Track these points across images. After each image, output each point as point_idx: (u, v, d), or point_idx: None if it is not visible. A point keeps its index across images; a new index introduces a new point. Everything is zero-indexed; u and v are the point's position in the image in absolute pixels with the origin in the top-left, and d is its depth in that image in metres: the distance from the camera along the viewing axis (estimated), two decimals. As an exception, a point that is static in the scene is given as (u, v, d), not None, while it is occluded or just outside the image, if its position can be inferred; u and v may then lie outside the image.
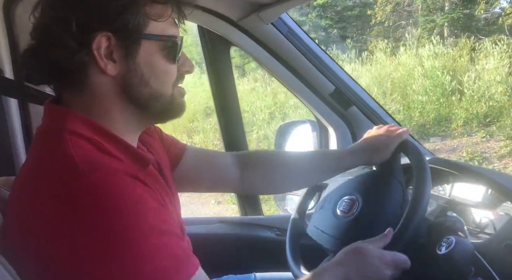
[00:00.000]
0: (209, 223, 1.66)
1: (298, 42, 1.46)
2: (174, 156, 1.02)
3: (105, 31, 0.69)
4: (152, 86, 0.75)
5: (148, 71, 0.74)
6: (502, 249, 0.88)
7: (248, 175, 1.10)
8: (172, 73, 0.78)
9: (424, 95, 6.81)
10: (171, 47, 0.76)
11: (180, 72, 0.80)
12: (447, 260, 0.86)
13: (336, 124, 1.61)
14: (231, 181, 1.10)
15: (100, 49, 0.69)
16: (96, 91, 0.73)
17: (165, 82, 0.77)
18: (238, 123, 1.65)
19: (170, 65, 0.77)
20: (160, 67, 0.75)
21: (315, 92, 1.54)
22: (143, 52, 0.73)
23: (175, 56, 0.77)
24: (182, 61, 0.80)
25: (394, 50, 8.19)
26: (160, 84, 0.76)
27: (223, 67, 1.59)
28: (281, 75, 1.52)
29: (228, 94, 1.62)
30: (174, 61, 0.77)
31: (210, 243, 1.58)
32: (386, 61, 7.86)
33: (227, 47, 1.54)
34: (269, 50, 1.47)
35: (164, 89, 0.77)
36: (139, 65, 0.73)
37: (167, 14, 0.75)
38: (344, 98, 1.55)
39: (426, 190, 0.92)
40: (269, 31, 1.43)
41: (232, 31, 1.44)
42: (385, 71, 7.61)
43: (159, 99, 0.77)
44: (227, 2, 1.37)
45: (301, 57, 1.48)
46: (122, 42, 0.71)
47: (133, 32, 0.71)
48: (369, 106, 1.57)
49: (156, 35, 0.74)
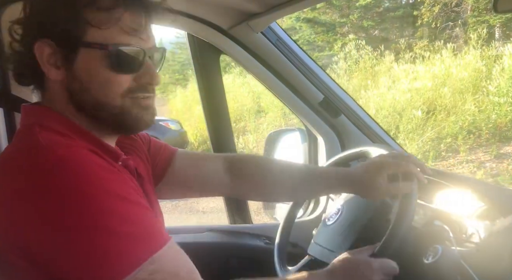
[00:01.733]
0: (197, 231, 1.65)
1: (288, 51, 1.47)
2: (164, 159, 1.02)
3: (45, 38, 0.72)
4: (93, 94, 0.74)
5: (87, 78, 0.73)
6: (487, 258, 0.89)
7: (237, 181, 1.09)
8: (117, 83, 0.74)
9: (502, 96, 6.29)
10: (116, 56, 0.72)
11: (138, 83, 0.76)
12: (433, 269, 0.87)
13: (325, 133, 1.62)
14: (221, 185, 1.10)
15: (43, 55, 0.72)
16: (51, 94, 0.77)
17: (107, 91, 0.74)
18: (227, 129, 1.65)
19: (113, 74, 0.74)
20: (99, 75, 0.73)
21: (304, 101, 1.55)
22: (82, 60, 0.73)
23: (119, 66, 0.73)
24: (142, 72, 0.76)
25: (441, 51, 8.00)
26: (101, 93, 0.74)
27: (212, 74, 1.59)
28: (270, 83, 1.53)
29: (217, 100, 1.62)
30: (119, 71, 0.74)
31: (199, 252, 1.55)
32: (450, 61, 7.55)
33: (216, 54, 1.54)
34: (259, 59, 1.48)
35: (107, 98, 0.74)
36: (77, 72, 0.73)
37: (112, 21, 0.71)
38: (333, 107, 1.56)
39: (412, 199, 0.93)
40: (258, 40, 1.44)
41: (222, 39, 1.45)
42: (449, 72, 7.29)
43: (104, 108, 0.75)
44: (218, 11, 1.38)
45: (291, 66, 1.49)
46: (62, 49, 0.72)
47: (71, 39, 0.71)
48: (358, 115, 1.58)
49: (97, 43, 0.72)
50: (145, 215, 0.69)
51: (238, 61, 1.52)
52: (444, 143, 6.29)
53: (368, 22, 12.13)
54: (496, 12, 0.73)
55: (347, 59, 9.48)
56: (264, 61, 1.48)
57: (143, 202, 0.71)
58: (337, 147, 1.62)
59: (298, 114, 1.60)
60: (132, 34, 0.73)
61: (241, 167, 1.10)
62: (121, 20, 0.72)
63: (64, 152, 0.66)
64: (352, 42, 9.69)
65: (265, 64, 1.48)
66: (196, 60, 1.55)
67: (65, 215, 0.62)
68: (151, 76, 0.77)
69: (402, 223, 0.90)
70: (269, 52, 1.47)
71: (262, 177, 1.09)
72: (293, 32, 14.45)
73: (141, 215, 0.68)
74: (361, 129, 1.59)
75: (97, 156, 0.70)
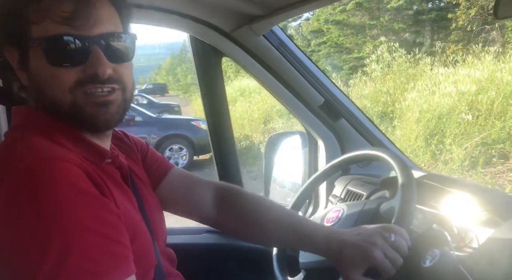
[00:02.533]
0: (196, 233, 1.65)
1: (289, 54, 1.48)
2: (159, 173, 1.02)
3: (8, 45, 0.72)
4: (46, 93, 0.72)
5: (37, 77, 0.72)
6: (485, 262, 0.89)
7: (223, 217, 1.06)
8: (61, 77, 0.70)
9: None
10: (52, 50, 0.68)
11: (85, 74, 0.70)
12: (431, 272, 0.87)
13: (325, 136, 1.62)
14: (207, 216, 1.07)
15: (14, 61, 0.73)
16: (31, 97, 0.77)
17: (53, 87, 0.70)
18: (228, 129, 1.64)
19: (58, 68, 0.70)
20: (43, 72, 0.70)
21: (305, 104, 1.56)
22: (31, 59, 0.71)
23: (56, 59, 0.69)
24: (89, 62, 0.70)
25: (482, 54, 7.81)
26: (51, 91, 0.71)
27: (214, 77, 1.59)
28: (271, 86, 1.53)
29: (219, 103, 1.62)
30: (58, 64, 0.69)
31: (197, 253, 1.57)
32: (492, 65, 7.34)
33: (218, 57, 1.55)
34: (260, 62, 1.48)
35: (56, 95, 0.71)
36: (31, 72, 0.72)
37: (42, 13, 0.67)
38: (333, 110, 1.56)
39: (411, 203, 0.94)
40: (260, 43, 1.45)
41: (224, 42, 1.45)
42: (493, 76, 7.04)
43: (59, 107, 0.72)
44: (220, 13, 1.38)
45: (292, 69, 1.49)
46: (19, 52, 0.72)
47: (20, 41, 0.71)
48: (358, 118, 1.59)
49: (36, 39, 0.69)
50: (108, 247, 0.63)
51: (240, 64, 1.52)
52: (495, 149, 6.08)
53: (399, 25, 11.94)
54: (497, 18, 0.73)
55: (379, 62, 9.38)
56: (265, 64, 1.48)
57: (108, 230, 0.64)
58: (337, 151, 1.62)
59: (298, 117, 1.60)
60: (65, 23, 0.68)
61: (230, 203, 1.06)
62: (49, 10, 0.68)
63: (32, 162, 0.64)
64: (384, 44, 9.54)
65: (267, 67, 1.49)
66: (198, 62, 1.56)
67: (18, 234, 0.59)
68: (96, 66, 0.70)
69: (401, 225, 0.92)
70: (271, 55, 1.47)
71: (248, 218, 1.04)
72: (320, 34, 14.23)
73: (104, 248, 0.62)
74: (361, 133, 1.59)
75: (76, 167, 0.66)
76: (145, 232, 0.82)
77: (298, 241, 1.01)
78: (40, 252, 0.58)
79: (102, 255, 0.61)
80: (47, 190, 0.61)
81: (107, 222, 0.65)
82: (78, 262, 0.59)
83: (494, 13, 0.73)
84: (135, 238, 0.75)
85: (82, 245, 0.60)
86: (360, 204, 1.10)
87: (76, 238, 0.60)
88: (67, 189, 0.62)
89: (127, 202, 0.80)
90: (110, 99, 0.73)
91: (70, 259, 0.58)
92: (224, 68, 11.38)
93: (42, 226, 0.59)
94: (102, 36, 0.71)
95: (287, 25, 18.63)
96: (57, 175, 0.63)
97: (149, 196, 0.93)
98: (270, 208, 1.06)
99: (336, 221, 1.11)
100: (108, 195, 0.69)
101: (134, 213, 0.81)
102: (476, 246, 1.00)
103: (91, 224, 0.62)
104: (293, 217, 1.06)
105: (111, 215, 0.67)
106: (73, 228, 0.60)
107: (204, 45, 1.51)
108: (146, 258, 0.81)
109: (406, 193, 0.96)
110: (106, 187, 0.70)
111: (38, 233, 0.59)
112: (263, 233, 1.04)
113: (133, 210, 0.81)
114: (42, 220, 0.59)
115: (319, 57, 13.89)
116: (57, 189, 0.62)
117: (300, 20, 18.31)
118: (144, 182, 0.95)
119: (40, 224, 0.59)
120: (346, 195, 1.45)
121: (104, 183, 0.70)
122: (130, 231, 0.73)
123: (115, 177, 0.81)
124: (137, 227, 0.79)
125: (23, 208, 0.60)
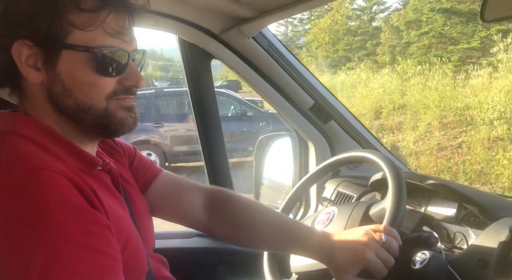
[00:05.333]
0: (186, 236, 1.64)
1: (278, 56, 1.48)
2: (146, 178, 1.00)
3: (24, 39, 0.69)
4: (77, 97, 0.72)
5: (70, 81, 0.72)
6: (474, 263, 0.89)
7: (213, 219, 1.04)
8: (102, 85, 0.73)
9: None
10: (101, 59, 0.71)
11: (123, 85, 0.76)
12: (421, 274, 0.87)
13: (315, 138, 1.63)
14: (197, 221, 1.05)
15: (21, 57, 0.70)
16: (31, 97, 0.75)
17: (92, 94, 0.73)
18: (218, 131, 1.63)
19: (99, 77, 0.72)
20: (84, 78, 0.72)
21: (295, 106, 1.56)
22: (65, 62, 0.71)
23: (105, 69, 0.72)
24: (127, 74, 0.76)
25: None
26: (85, 96, 0.73)
27: (203, 79, 1.58)
28: (261, 88, 1.53)
29: (208, 104, 1.61)
30: (104, 74, 0.72)
31: (188, 257, 1.56)
32: None
33: (208, 59, 1.54)
34: (250, 64, 1.48)
35: (92, 101, 0.73)
36: (60, 75, 0.71)
37: (97, 23, 0.70)
38: (323, 112, 1.57)
39: (401, 204, 0.94)
40: (250, 45, 1.44)
41: (213, 44, 1.45)
42: None
43: (88, 111, 0.73)
44: (209, 15, 1.38)
45: (281, 71, 1.49)
46: (42, 51, 0.70)
47: (51, 41, 0.70)
48: (348, 120, 1.59)
49: (81, 46, 0.70)
50: (95, 260, 0.62)
51: (229, 66, 1.51)
52: None
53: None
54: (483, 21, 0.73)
55: (509, 52, 8.48)
56: (255, 66, 1.48)
57: (95, 242, 0.63)
58: (327, 153, 1.62)
59: (288, 119, 1.60)
60: (115, 36, 0.72)
61: (220, 207, 1.05)
62: (105, 22, 0.70)
63: (19, 171, 0.63)
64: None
65: (256, 69, 1.49)
66: (187, 64, 1.55)
67: (3, 245, 0.58)
68: (136, 79, 0.77)
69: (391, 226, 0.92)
70: (260, 57, 1.47)
71: (239, 222, 1.03)
72: (418, 24, 13.30)
73: (91, 261, 0.61)
74: (351, 135, 1.59)
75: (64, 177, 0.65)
76: (137, 238, 0.81)
77: (290, 245, 1.01)
78: (25, 264, 0.57)
79: (89, 267, 0.60)
80: (34, 201, 0.60)
81: (94, 234, 0.63)
82: (64, 275, 0.58)
83: (480, 16, 0.74)
84: (127, 245, 0.74)
85: (68, 258, 0.58)
86: (351, 205, 1.10)
87: (62, 251, 0.58)
88: (54, 200, 0.61)
89: (119, 208, 0.79)
90: (134, 104, 0.79)
91: (55, 273, 0.57)
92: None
93: (27, 237, 0.58)
94: (136, 51, 0.78)
95: (375, 17, 18.15)
96: (45, 186, 0.61)
97: (138, 201, 0.92)
98: (262, 212, 1.06)
99: (327, 223, 1.11)
100: (98, 206, 0.68)
101: (126, 219, 0.80)
102: (465, 247, 1.01)
103: (78, 236, 0.61)
104: (285, 220, 1.06)
105: (100, 227, 0.65)
106: (59, 240, 0.59)
107: (193, 47, 1.50)
108: (138, 265, 0.80)
109: (396, 195, 0.96)
110: (96, 197, 0.69)
111: (23, 245, 0.58)
112: (255, 237, 1.04)
113: (125, 215, 0.80)
114: (27, 232, 0.58)
115: (418, 48, 12.94)
116: (44, 201, 0.60)
117: (387, 11, 17.88)
118: (133, 187, 0.94)
119: (26, 235, 0.58)
120: (336, 197, 1.45)
121: (94, 194, 0.69)
122: (122, 238, 0.72)
123: (106, 183, 0.80)
124: (129, 233, 0.78)
125: (8, 219, 0.59)
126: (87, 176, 0.73)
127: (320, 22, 20.06)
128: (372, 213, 1.04)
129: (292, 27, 25.93)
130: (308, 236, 0.98)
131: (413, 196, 1.20)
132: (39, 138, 0.71)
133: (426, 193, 1.19)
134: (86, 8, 0.69)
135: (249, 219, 1.03)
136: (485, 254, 0.89)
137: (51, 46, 0.70)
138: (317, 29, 19.84)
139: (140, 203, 0.92)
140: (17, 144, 0.68)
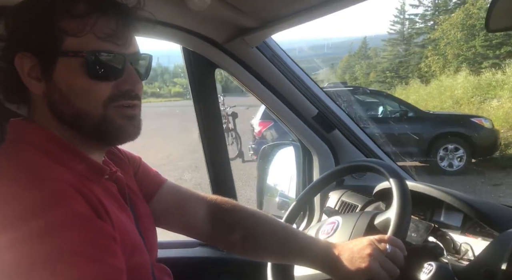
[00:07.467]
0: (189, 246, 1.63)
1: (282, 66, 1.48)
2: (149, 190, 1.00)
3: (24, 51, 0.71)
4: (74, 104, 0.72)
5: (66, 88, 0.72)
6: (481, 274, 0.88)
7: (217, 229, 1.04)
8: (96, 90, 0.72)
9: None
10: (93, 63, 0.70)
11: (120, 90, 0.74)
12: (428, 286, 0.86)
13: (319, 148, 1.62)
14: (199, 229, 1.04)
15: (24, 69, 0.72)
16: (36, 108, 0.76)
17: (88, 100, 0.72)
18: (221, 141, 1.63)
19: (94, 82, 0.72)
20: (78, 84, 0.72)
21: (299, 115, 1.56)
22: (60, 70, 0.71)
23: (97, 73, 0.71)
24: (125, 78, 0.74)
25: None
26: (82, 102, 0.72)
27: (207, 88, 1.59)
28: (265, 98, 1.53)
29: (212, 114, 1.61)
30: (98, 78, 0.72)
31: (190, 267, 1.55)
32: None
33: (211, 68, 1.55)
34: (254, 73, 1.48)
35: (89, 108, 0.73)
36: (57, 83, 0.72)
37: (87, 28, 0.70)
38: (327, 122, 1.56)
39: (406, 214, 0.93)
40: (254, 55, 1.45)
41: (217, 54, 1.45)
42: None
43: (86, 118, 0.73)
44: (213, 25, 1.38)
45: (285, 81, 1.49)
46: (41, 61, 0.72)
47: (48, 50, 0.70)
48: (352, 129, 1.59)
49: (73, 51, 0.70)
50: (99, 271, 0.61)
51: (233, 75, 1.52)
52: None
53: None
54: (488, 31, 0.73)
55: None
56: (259, 76, 1.48)
57: (99, 253, 0.63)
58: (331, 162, 1.61)
59: (292, 129, 1.60)
60: (107, 40, 0.71)
61: (224, 218, 1.04)
62: (95, 26, 0.70)
63: (26, 181, 0.64)
64: None
65: (260, 78, 1.49)
66: (191, 73, 1.55)
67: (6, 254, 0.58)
68: (132, 83, 0.75)
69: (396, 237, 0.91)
70: (264, 67, 1.47)
71: (243, 233, 1.02)
72: None
73: (94, 272, 0.61)
74: (355, 144, 1.59)
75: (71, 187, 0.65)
76: (142, 247, 0.81)
77: (293, 255, 1.00)
78: (28, 274, 0.57)
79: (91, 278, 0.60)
80: (39, 211, 0.60)
81: (99, 246, 0.63)
82: None
83: (485, 25, 0.74)
84: (132, 254, 0.74)
85: (71, 269, 0.58)
86: (355, 215, 1.09)
87: (65, 261, 0.58)
88: (60, 211, 0.61)
89: (125, 218, 0.79)
90: (135, 113, 0.77)
91: None
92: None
93: (31, 247, 0.58)
94: (135, 55, 0.76)
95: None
96: (51, 196, 0.62)
97: (143, 210, 0.92)
98: (265, 222, 1.05)
99: (332, 233, 1.10)
100: (103, 216, 0.68)
101: (132, 229, 0.80)
102: (472, 258, 1.00)
103: (83, 247, 0.61)
104: (289, 231, 1.05)
105: (105, 238, 0.65)
106: (63, 251, 0.58)
107: (197, 57, 1.51)
108: (142, 274, 0.80)
109: (401, 204, 0.95)
110: (102, 207, 0.69)
111: (26, 254, 0.58)
112: (258, 247, 1.03)
113: (131, 225, 0.80)
114: (32, 241, 0.58)
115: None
116: (50, 211, 0.60)
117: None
118: (138, 196, 0.94)
119: (30, 244, 0.58)
120: (340, 206, 1.44)
121: (100, 203, 0.69)
122: (127, 247, 0.72)
123: (113, 192, 0.80)
124: (134, 243, 0.78)
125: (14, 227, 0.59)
126: (94, 185, 0.74)
127: (450, 17, 18.46)
128: (377, 223, 1.03)
129: (411, 24, 23.91)
130: (312, 247, 0.97)
131: (418, 206, 1.19)
132: (47, 146, 0.72)
133: (431, 203, 1.18)
134: (76, 14, 0.70)
135: (252, 229, 1.02)
136: (492, 266, 0.87)
137: (48, 55, 0.71)
138: (448, 25, 18.21)
139: (145, 212, 0.92)
140: (26, 153, 0.69)
